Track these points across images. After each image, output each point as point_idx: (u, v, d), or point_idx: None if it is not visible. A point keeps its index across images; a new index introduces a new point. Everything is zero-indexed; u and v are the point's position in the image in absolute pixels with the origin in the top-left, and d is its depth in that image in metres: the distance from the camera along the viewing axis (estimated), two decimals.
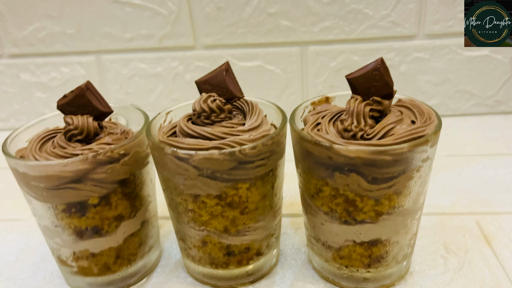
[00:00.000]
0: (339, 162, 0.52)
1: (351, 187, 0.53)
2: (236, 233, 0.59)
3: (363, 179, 0.52)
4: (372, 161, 0.51)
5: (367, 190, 0.53)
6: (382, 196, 0.53)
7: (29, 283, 0.68)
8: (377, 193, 0.53)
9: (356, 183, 0.53)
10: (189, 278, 0.67)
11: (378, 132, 0.54)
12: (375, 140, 0.53)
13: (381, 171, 0.51)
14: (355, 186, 0.53)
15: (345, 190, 0.54)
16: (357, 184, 0.53)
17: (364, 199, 0.54)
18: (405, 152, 0.50)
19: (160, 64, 1.15)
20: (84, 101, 0.59)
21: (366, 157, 0.50)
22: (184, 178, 0.54)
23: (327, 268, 0.63)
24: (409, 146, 0.50)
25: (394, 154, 0.50)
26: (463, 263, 0.66)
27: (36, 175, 0.54)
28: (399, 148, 0.50)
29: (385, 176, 0.52)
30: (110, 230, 0.60)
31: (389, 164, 0.51)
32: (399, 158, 0.51)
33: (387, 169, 0.51)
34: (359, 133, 0.54)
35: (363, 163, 0.51)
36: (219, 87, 0.59)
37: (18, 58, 1.18)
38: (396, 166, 0.51)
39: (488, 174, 0.89)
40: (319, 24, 1.09)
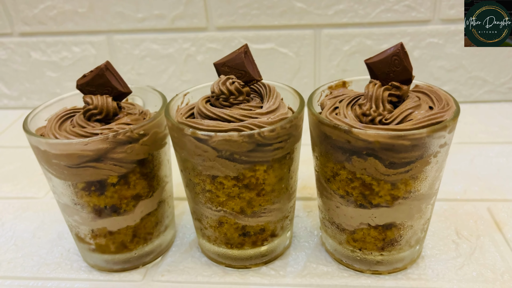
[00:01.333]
0: (357, 146, 0.52)
1: (368, 171, 0.54)
2: (252, 214, 0.60)
3: (380, 163, 0.53)
4: (390, 146, 0.51)
5: (384, 174, 0.54)
6: (398, 181, 0.54)
7: (47, 259, 0.69)
8: (394, 177, 0.54)
9: (374, 167, 0.53)
10: (203, 258, 0.68)
11: (397, 117, 0.54)
12: (394, 125, 0.53)
13: (398, 156, 0.52)
14: (372, 170, 0.54)
15: (362, 174, 0.54)
16: (374, 168, 0.53)
17: (381, 183, 0.54)
18: (424, 137, 0.51)
19: (172, 45, 1.15)
20: (103, 81, 0.59)
21: (384, 141, 0.51)
22: (202, 159, 0.55)
23: (340, 250, 0.64)
24: (427, 131, 0.50)
25: (413, 139, 0.51)
26: (475, 248, 0.67)
27: (58, 153, 0.55)
28: (418, 133, 0.50)
29: (402, 161, 0.52)
30: (128, 209, 0.61)
31: (407, 149, 0.51)
32: (417, 143, 0.51)
33: (405, 153, 0.52)
34: (377, 117, 0.54)
35: (382, 148, 0.51)
36: (237, 70, 0.59)
37: (29, 36, 1.18)
38: (414, 151, 0.52)
39: (500, 162, 0.89)
40: (334, 7, 1.08)
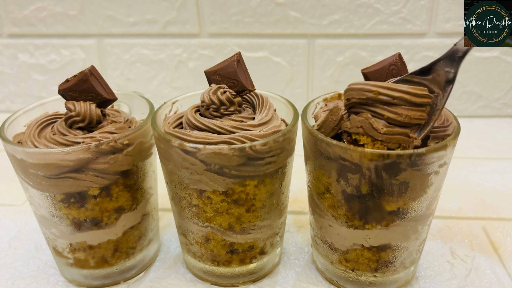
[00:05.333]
0: (353, 163, 0.50)
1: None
2: (240, 231, 0.57)
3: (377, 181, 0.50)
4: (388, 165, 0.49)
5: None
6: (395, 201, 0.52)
7: (22, 272, 0.66)
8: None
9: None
10: (188, 274, 0.65)
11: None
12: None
13: (396, 176, 0.49)
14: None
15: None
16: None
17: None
18: (423, 157, 0.48)
19: (163, 51, 1.12)
20: (87, 87, 0.56)
21: (381, 161, 0.48)
22: (190, 172, 0.52)
23: (332, 270, 0.61)
24: (427, 150, 0.48)
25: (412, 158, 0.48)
26: (470, 269, 0.64)
27: (35, 163, 0.51)
28: (417, 153, 0.48)
29: (399, 180, 0.50)
30: (109, 222, 0.58)
31: (405, 168, 0.49)
32: (416, 163, 0.49)
33: (403, 173, 0.49)
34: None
35: (378, 166, 0.49)
36: (229, 79, 0.56)
37: (17, 38, 1.15)
38: (412, 170, 0.49)
39: (495, 179, 0.87)
40: (328, 17, 1.06)
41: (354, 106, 0.51)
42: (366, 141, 0.49)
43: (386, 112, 0.48)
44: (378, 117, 0.49)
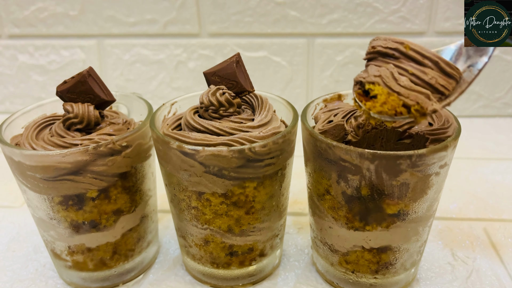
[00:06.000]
0: (353, 164, 0.49)
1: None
2: (240, 233, 0.56)
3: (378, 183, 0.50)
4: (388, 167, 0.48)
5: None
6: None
7: (20, 274, 0.65)
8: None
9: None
10: (187, 276, 0.64)
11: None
12: (392, 143, 0.50)
13: (396, 178, 0.49)
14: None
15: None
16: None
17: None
18: (424, 157, 0.48)
19: (163, 51, 1.12)
20: (85, 88, 0.56)
21: (382, 162, 0.48)
22: (189, 174, 0.51)
23: (332, 272, 0.60)
24: (428, 151, 0.48)
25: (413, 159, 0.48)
26: (471, 271, 0.64)
27: (33, 165, 0.51)
28: (418, 154, 0.48)
29: (400, 182, 0.49)
30: (108, 224, 0.57)
31: (406, 170, 0.48)
32: (417, 164, 0.48)
33: (403, 174, 0.49)
34: (373, 130, 0.51)
35: (379, 167, 0.48)
36: (228, 80, 0.56)
37: (18, 39, 1.14)
38: (413, 171, 0.49)
39: (496, 179, 0.87)
40: (328, 16, 1.06)
41: (375, 58, 0.47)
42: (381, 92, 0.45)
43: (411, 68, 0.44)
44: (401, 73, 0.45)
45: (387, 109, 0.44)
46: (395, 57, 0.45)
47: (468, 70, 0.46)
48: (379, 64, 0.46)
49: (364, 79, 0.46)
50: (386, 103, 0.44)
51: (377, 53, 0.46)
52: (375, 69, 0.45)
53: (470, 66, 0.46)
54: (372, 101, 0.45)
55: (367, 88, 0.46)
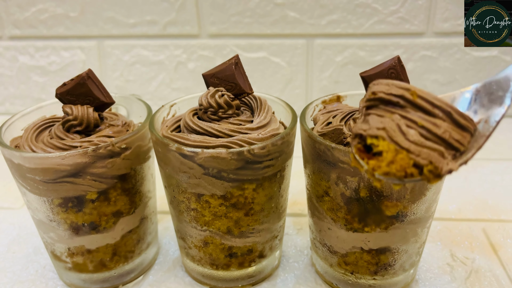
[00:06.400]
0: (352, 166, 0.49)
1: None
2: (239, 234, 0.56)
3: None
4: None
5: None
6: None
7: (21, 276, 0.65)
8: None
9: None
10: (187, 278, 0.64)
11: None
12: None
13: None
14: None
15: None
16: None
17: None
18: None
19: (163, 52, 1.12)
20: (84, 90, 0.56)
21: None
22: (188, 176, 0.52)
23: (331, 273, 0.61)
24: None
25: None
26: (470, 272, 0.64)
27: (32, 167, 0.51)
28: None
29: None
30: (107, 226, 0.58)
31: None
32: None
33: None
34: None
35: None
36: (227, 82, 0.56)
37: (18, 40, 1.14)
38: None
39: (495, 180, 0.87)
40: (327, 17, 1.06)
41: (376, 106, 0.39)
42: (387, 148, 0.37)
43: (420, 120, 0.37)
44: (408, 125, 0.37)
45: (395, 170, 0.36)
46: (400, 106, 0.38)
47: (483, 121, 0.40)
48: (382, 114, 0.39)
49: (365, 131, 0.38)
50: (394, 163, 0.37)
51: (379, 100, 0.39)
52: (377, 120, 0.38)
53: (484, 117, 0.40)
54: (376, 160, 0.38)
55: (369, 143, 0.38)
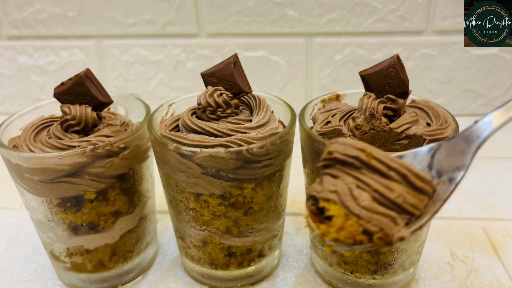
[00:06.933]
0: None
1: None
2: (238, 234, 0.56)
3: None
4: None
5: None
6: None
7: (20, 276, 0.65)
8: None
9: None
10: (186, 277, 0.64)
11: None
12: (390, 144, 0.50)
13: None
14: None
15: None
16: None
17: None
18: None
19: (162, 51, 1.12)
20: (82, 90, 0.56)
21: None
22: (186, 175, 0.51)
23: (331, 272, 0.61)
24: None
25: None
26: (470, 271, 0.64)
27: (30, 167, 0.51)
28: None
29: None
30: (106, 226, 0.57)
31: None
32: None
33: None
34: (371, 131, 0.51)
35: None
36: (226, 81, 0.56)
37: (17, 40, 1.14)
38: None
39: (495, 179, 0.87)
40: (326, 15, 1.06)
41: (332, 165, 0.38)
42: (337, 213, 0.35)
43: (374, 183, 0.36)
44: (361, 187, 0.36)
45: (343, 237, 0.35)
46: (355, 167, 0.37)
47: (443, 183, 0.38)
48: (337, 174, 0.37)
49: (318, 193, 0.37)
50: (343, 229, 0.35)
51: (334, 160, 0.38)
52: (331, 182, 0.37)
53: (445, 178, 0.38)
54: (327, 224, 0.36)
55: (321, 206, 0.37)
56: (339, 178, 0.37)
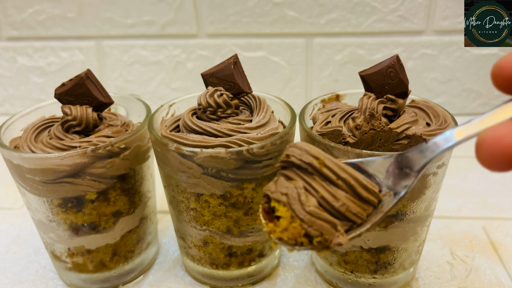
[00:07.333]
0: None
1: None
2: (239, 234, 0.57)
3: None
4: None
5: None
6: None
7: (21, 276, 0.65)
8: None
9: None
10: (187, 277, 0.64)
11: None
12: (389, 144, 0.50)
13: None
14: None
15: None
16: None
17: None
18: None
19: (162, 52, 1.12)
20: (83, 91, 0.56)
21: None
22: (187, 176, 0.52)
23: (331, 272, 0.61)
24: None
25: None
26: (470, 270, 0.64)
27: (32, 168, 0.51)
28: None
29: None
30: (107, 226, 0.58)
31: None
32: None
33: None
34: (371, 131, 0.51)
35: None
36: (226, 81, 0.56)
37: (16, 41, 1.14)
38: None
39: (495, 178, 0.87)
40: (326, 16, 1.06)
41: (289, 167, 0.40)
42: (284, 215, 0.38)
43: (322, 190, 0.38)
44: (311, 192, 0.38)
45: (286, 238, 0.37)
46: (308, 172, 0.39)
47: (389, 195, 0.40)
48: (292, 177, 0.39)
49: (271, 193, 0.39)
50: (287, 230, 0.37)
51: (291, 163, 0.39)
52: (284, 184, 0.39)
53: (392, 190, 0.40)
54: (274, 223, 0.38)
55: (272, 205, 0.39)
56: (292, 181, 0.39)
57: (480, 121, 0.34)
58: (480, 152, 0.31)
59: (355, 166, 0.41)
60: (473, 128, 0.34)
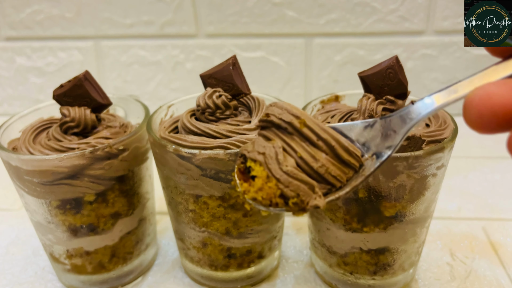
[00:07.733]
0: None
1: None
2: (238, 235, 0.56)
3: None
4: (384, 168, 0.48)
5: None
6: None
7: (20, 278, 0.65)
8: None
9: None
10: (186, 279, 0.64)
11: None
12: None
13: (393, 179, 0.49)
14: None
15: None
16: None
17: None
18: (420, 159, 0.48)
19: (161, 52, 1.12)
20: (82, 92, 0.56)
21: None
22: (186, 177, 0.51)
23: (331, 273, 0.61)
24: (424, 153, 0.48)
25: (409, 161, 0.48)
26: (470, 271, 0.64)
27: (30, 170, 0.51)
28: (414, 156, 0.48)
29: (397, 184, 0.49)
30: (106, 228, 0.57)
31: (402, 172, 0.48)
32: (413, 165, 0.48)
33: (400, 176, 0.49)
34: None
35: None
36: (225, 82, 0.56)
37: (14, 41, 1.14)
38: (410, 173, 0.49)
39: (495, 178, 0.87)
40: (325, 16, 1.06)
41: (268, 127, 0.39)
42: (260, 174, 0.37)
43: (301, 150, 0.37)
44: (289, 152, 0.37)
45: (261, 198, 0.36)
46: (288, 132, 0.37)
47: (371, 159, 0.39)
48: (271, 137, 0.38)
49: (248, 153, 0.38)
50: (262, 190, 0.36)
51: (271, 122, 0.38)
52: (261, 144, 0.38)
53: (374, 154, 0.39)
54: (249, 183, 0.37)
55: (248, 165, 0.38)
56: (271, 141, 0.38)
57: (470, 81, 0.33)
58: (468, 112, 0.30)
59: (338, 131, 0.40)
60: (462, 88, 0.33)
